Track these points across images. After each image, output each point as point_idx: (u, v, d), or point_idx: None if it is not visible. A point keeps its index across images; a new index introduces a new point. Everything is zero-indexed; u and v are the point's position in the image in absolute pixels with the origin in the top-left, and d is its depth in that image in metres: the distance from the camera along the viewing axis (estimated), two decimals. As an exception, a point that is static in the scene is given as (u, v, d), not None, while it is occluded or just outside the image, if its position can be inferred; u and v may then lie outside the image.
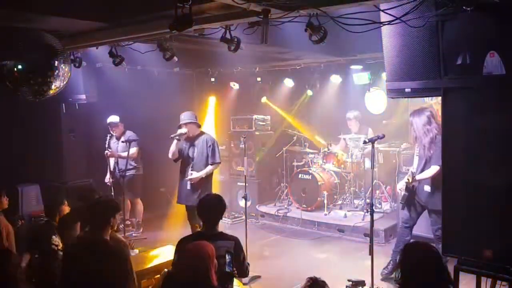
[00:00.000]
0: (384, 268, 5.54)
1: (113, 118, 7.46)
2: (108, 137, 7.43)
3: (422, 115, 5.21)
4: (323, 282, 2.82)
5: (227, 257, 3.42)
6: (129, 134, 7.48)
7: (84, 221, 4.09)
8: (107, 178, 7.45)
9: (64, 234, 4.45)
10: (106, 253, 3.39)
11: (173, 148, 6.06)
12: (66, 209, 4.89)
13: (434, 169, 5.09)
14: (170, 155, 6.13)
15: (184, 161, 6.13)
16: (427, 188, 5.19)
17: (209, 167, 6.02)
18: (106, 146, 7.38)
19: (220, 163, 6.24)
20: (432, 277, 2.62)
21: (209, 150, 6.00)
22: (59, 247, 4.37)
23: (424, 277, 2.61)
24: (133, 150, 7.38)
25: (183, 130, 6.01)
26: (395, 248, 5.51)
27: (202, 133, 6.20)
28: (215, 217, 3.74)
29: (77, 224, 4.44)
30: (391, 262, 5.52)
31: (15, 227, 4.92)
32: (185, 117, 6.06)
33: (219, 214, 3.77)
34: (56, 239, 4.41)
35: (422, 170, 5.23)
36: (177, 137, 5.99)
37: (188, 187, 6.00)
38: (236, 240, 3.66)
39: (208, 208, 3.74)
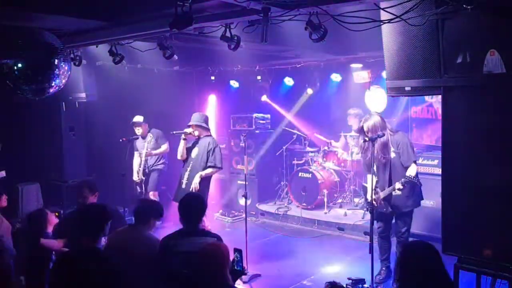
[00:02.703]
0: (377, 275, 5.37)
1: (137, 118, 7.53)
2: (132, 139, 7.28)
3: (378, 117, 5.13)
4: (342, 286, 2.82)
5: (236, 255, 3.41)
6: (155, 132, 7.66)
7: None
8: (136, 176, 7.50)
9: None
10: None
11: (180, 148, 6.10)
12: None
13: (414, 167, 5.09)
14: (178, 156, 6.15)
15: (187, 160, 6.14)
16: (398, 192, 5.08)
17: (208, 170, 5.95)
18: (135, 148, 7.48)
19: (220, 168, 6.08)
20: (432, 277, 2.61)
21: (209, 153, 5.95)
22: None
23: (424, 276, 2.61)
24: (165, 146, 7.63)
25: (188, 129, 6.05)
26: (381, 257, 5.44)
27: (208, 135, 6.15)
28: (196, 217, 3.76)
29: None
30: (383, 269, 5.43)
31: (14, 228, 4.88)
32: (193, 118, 6.08)
33: (199, 214, 3.79)
34: None
35: (390, 176, 5.12)
36: (182, 135, 6.03)
37: (184, 185, 5.99)
38: (218, 237, 3.66)
39: (189, 208, 3.76)
